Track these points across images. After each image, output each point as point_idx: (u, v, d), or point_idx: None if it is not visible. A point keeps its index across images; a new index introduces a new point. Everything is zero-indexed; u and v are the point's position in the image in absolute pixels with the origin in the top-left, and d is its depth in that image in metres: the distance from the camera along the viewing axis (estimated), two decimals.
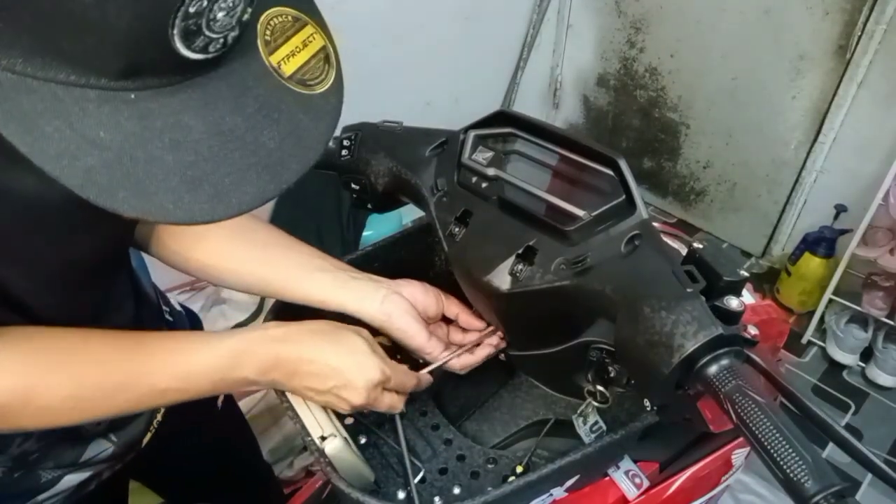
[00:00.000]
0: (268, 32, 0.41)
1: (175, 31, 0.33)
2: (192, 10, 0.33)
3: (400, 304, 0.65)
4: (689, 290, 0.47)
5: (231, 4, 0.35)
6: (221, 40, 0.37)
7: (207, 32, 0.35)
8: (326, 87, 0.44)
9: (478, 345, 0.72)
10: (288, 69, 0.42)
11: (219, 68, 0.39)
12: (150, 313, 0.76)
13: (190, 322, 0.89)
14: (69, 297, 0.57)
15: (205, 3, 0.34)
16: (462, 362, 0.70)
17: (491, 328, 0.72)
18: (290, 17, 0.43)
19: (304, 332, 0.59)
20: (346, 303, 0.65)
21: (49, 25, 0.31)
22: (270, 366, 0.57)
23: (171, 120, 0.36)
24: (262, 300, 1.67)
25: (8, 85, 0.32)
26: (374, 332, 0.66)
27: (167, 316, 0.81)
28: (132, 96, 0.35)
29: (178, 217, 0.37)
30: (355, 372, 0.58)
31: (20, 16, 0.31)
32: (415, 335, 0.65)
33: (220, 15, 0.35)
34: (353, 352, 0.59)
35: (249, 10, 0.37)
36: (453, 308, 0.72)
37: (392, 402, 0.62)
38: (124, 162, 0.35)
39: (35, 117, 0.33)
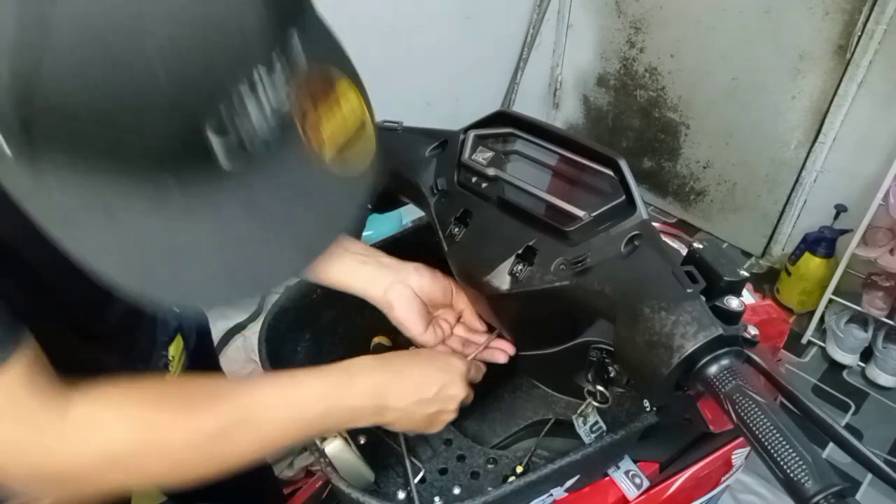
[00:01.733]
0: (307, 120, 0.40)
1: (218, 151, 0.34)
2: (233, 142, 0.33)
3: (402, 295, 0.67)
4: (689, 290, 0.47)
5: (266, 126, 0.35)
6: (263, 147, 0.36)
7: (249, 150, 0.35)
8: (363, 165, 0.44)
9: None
10: (326, 151, 0.41)
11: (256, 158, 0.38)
12: None
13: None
14: None
15: (242, 132, 0.34)
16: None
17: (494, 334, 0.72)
18: (329, 92, 0.42)
19: (392, 356, 0.63)
20: (353, 286, 0.67)
21: (91, 142, 0.31)
22: (377, 389, 0.57)
23: (211, 212, 0.36)
24: (263, 300, 1.67)
25: (51, 179, 0.32)
26: (378, 327, 0.70)
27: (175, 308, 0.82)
28: (174, 190, 0.35)
29: (213, 304, 0.38)
30: (449, 369, 0.62)
31: (65, 130, 0.31)
32: (411, 327, 0.67)
33: (260, 135, 0.35)
34: (436, 355, 0.64)
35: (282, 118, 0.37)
36: (460, 303, 0.72)
37: (470, 393, 0.66)
38: (164, 254, 0.35)
39: (77, 211, 0.33)
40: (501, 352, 0.71)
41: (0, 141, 0.31)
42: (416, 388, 0.59)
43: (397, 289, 0.67)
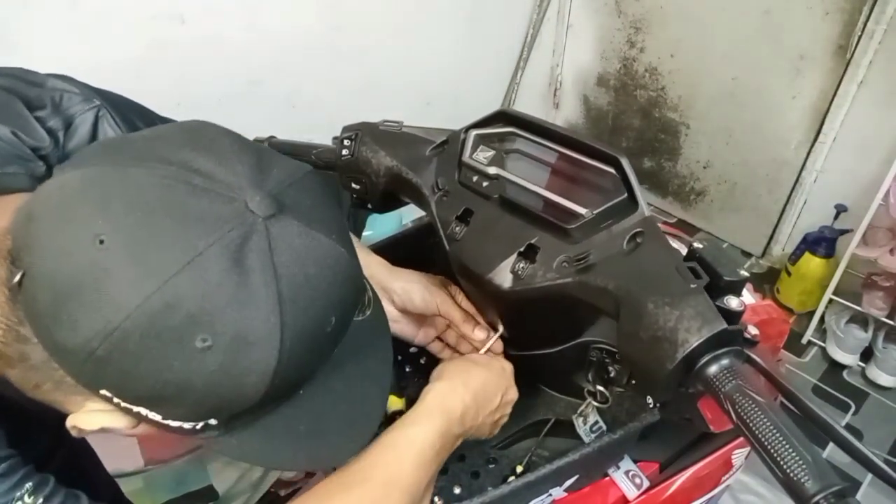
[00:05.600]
0: None
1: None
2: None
3: (388, 312, 0.69)
4: (692, 285, 0.47)
5: None
6: None
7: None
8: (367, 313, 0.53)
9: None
10: None
11: None
12: None
13: None
14: None
15: None
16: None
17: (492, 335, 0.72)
18: None
19: (458, 369, 0.63)
20: None
21: (249, 414, 0.43)
22: (466, 418, 0.60)
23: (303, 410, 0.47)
24: None
25: (235, 437, 0.44)
26: None
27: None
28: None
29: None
30: (503, 373, 0.66)
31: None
32: (401, 336, 0.74)
33: None
34: (489, 360, 0.66)
35: None
36: (454, 314, 0.73)
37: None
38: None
39: (255, 441, 0.45)
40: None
41: (213, 423, 0.42)
42: (487, 402, 0.62)
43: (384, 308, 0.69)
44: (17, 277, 0.38)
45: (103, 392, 0.39)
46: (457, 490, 0.68)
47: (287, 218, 0.40)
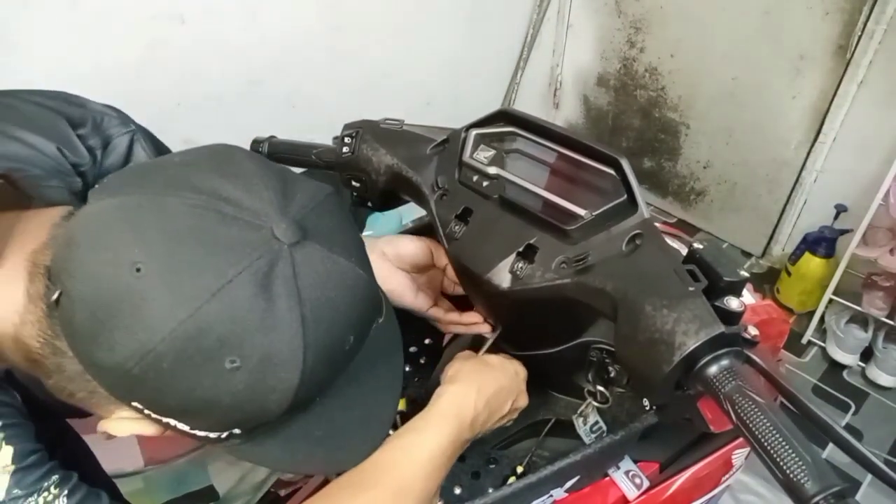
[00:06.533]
0: None
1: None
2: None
3: (382, 270, 0.69)
4: (690, 288, 0.47)
5: None
6: None
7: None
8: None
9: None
10: None
11: None
12: None
13: None
14: None
15: None
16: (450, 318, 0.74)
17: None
18: None
19: (473, 371, 0.63)
20: None
21: (270, 423, 0.45)
22: (476, 422, 0.60)
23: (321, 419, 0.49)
24: None
25: (256, 444, 0.47)
26: None
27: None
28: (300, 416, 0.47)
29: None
30: (516, 378, 0.66)
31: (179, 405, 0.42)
32: (400, 298, 0.71)
33: None
34: (505, 364, 0.66)
35: None
36: (443, 259, 0.73)
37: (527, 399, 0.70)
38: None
39: (274, 448, 0.48)
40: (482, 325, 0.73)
41: (237, 432, 0.45)
42: (498, 409, 0.63)
43: (377, 265, 0.68)
44: (55, 296, 0.40)
45: (135, 404, 0.42)
46: (457, 490, 0.68)
47: (310, 244, 0.43)
